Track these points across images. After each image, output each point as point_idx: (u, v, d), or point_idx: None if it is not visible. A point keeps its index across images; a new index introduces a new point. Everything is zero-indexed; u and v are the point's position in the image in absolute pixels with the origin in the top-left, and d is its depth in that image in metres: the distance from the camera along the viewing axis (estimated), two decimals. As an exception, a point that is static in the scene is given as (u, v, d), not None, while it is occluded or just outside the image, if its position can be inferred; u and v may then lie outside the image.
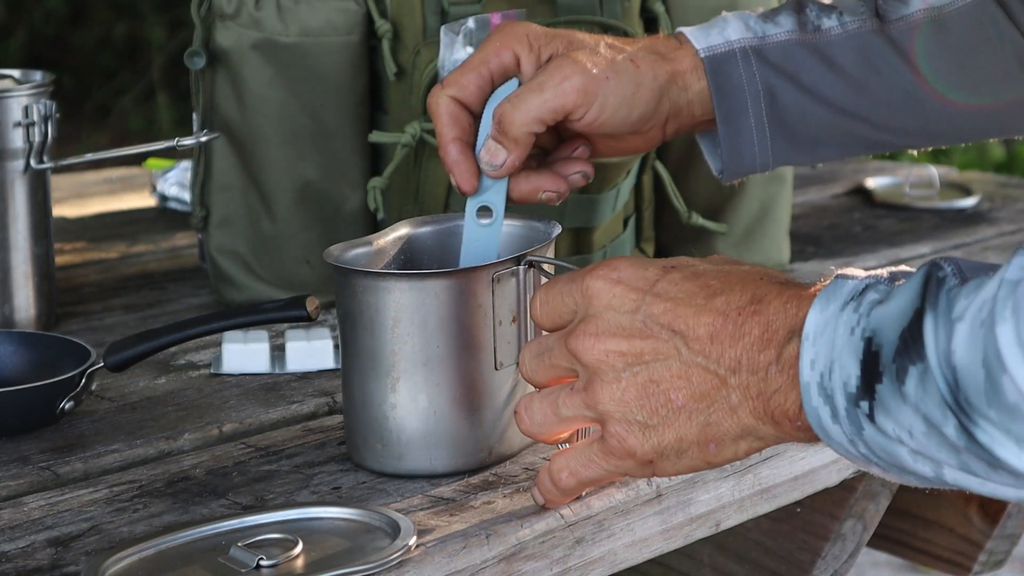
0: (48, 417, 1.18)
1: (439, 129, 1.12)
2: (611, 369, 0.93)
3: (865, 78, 1.20)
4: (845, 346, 0.84)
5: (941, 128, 1.24)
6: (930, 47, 1.21)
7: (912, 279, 0.84)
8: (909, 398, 0.81)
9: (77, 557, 0.96)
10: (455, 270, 1.06)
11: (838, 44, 1.20)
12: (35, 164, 1.40)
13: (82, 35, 5.93)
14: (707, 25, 1.20)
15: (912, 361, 0.81)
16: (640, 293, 0.92)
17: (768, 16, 1.20)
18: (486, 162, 1.11)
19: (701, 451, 0.92)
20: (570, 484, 0.98)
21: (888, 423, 0.82)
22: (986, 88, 1.23)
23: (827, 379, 0.85)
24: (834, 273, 0.88)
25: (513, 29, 1.14)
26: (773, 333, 0.88)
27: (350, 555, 0.95)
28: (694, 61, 1.17)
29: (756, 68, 1.19)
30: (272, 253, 1.49)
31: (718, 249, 1.58)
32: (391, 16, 1.46)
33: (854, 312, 0.84)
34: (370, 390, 1.07)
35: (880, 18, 1.21)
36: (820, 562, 1.47)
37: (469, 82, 1.12)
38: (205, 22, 1.47)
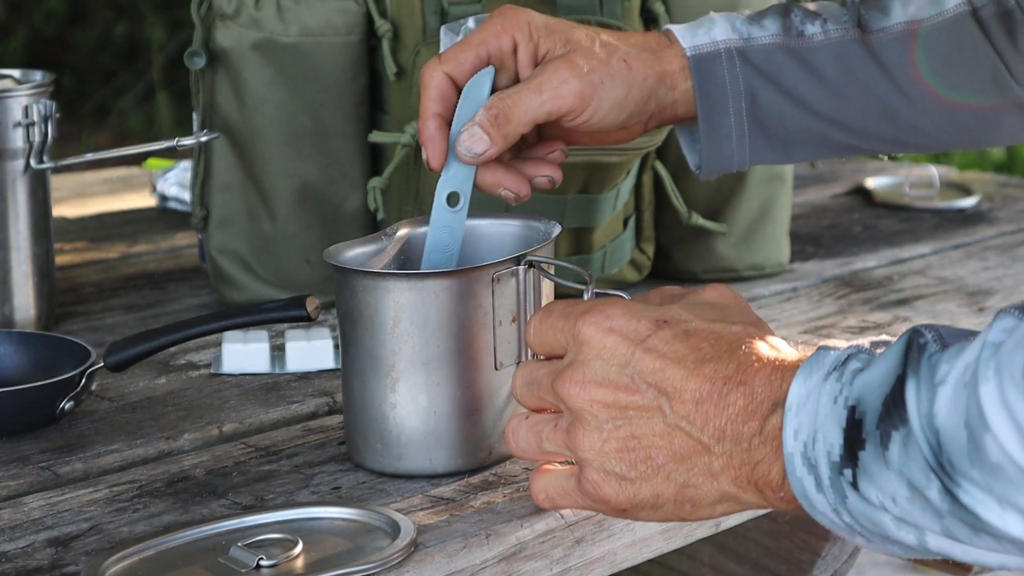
0: (48, 417, 1.18)
1: (425, 101, 1.13)
2: (594, 418, 0.92)
3: (843, 85, 1.23)
4: (828, 415, 0.84)
5: (912, 137, 1.27)
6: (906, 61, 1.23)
7: (893, 346, 0.84)
8: (892, 463, 0.81)
9: (77, 557, 0.96)
10: (455, 270, 1.06)
11: (820, 51, 1.23)
12: (35, 164, 1.40)
13: (82, 35, 5.93)
14: (695, 24, 1.22)
15: (895, 426, 0.81)
16: (631, 346, 0.92)
17: (754, 18, 1.23)
18: (466, 147, 1.11)
19: (677, 508, 0.93)
20: (546, 505, 0.99)
21: (872, 490, 0.83)
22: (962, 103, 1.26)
23: (811, 448, 0.85)
24: (817, 344, 0.89)
25: (516, 14, 1.15)
26: (758, 405, 0.88)
27: (350, 555, 0.95)
28: (682, 61, 1.20)
29: (740, 69, 1.21)
30: (272, 253, 1.49)
31: (718, 249, 1.58)
32: (391, 16, 1.46)
33: (837, 381, 0.85)
34: (370, 390, 1.07)
35: (862, 28, 1.24)
36: (820, 562, 1.47)
37: (466, 60, 1.14)
38: (205, 22, 1.47)
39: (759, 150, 1.24)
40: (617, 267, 1.54)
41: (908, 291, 1.57)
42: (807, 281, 1.61)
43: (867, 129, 1.25)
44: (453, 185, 1.13)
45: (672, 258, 1.60)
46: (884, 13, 1.25)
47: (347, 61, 1.47)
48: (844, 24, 1.24)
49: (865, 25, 1.24)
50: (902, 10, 1.25)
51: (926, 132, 1.27)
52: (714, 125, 1.21)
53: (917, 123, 1.25)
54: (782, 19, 1.23)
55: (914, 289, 1.58)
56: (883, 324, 1.45)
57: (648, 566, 1.58)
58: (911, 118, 1.25)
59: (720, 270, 1.60)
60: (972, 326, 1.43)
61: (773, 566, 1.53)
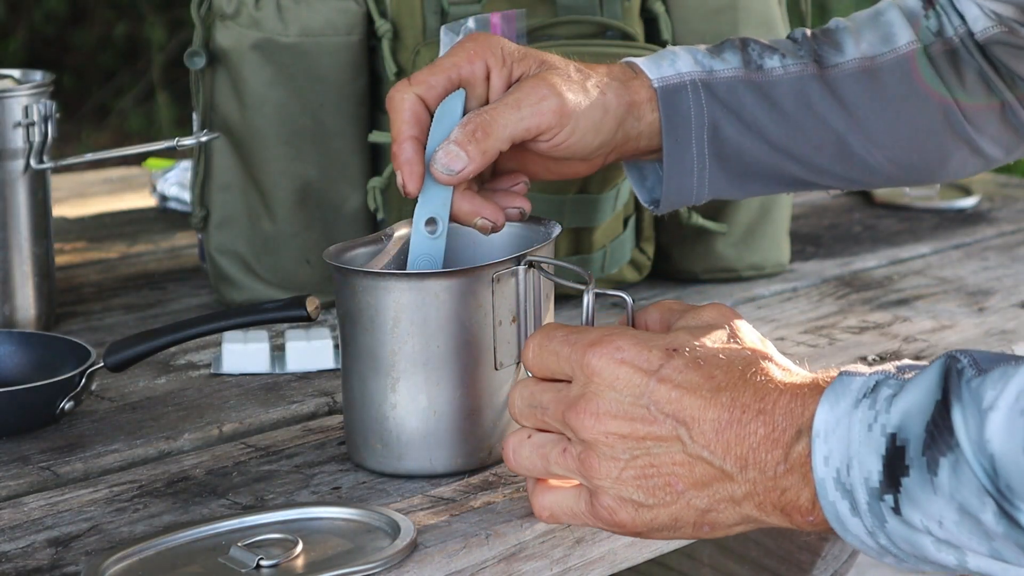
0: (48, 417, 1.18)
1: (398, 125, 1.10)
2: (610, 448, 0.92)
3: (801, 119, 1.25)
4: (863, 442, 0.85)
5: (862, 175, 1.29)
6: (860, 94, 1.26)
7: (926, 372, 0.85)
8: (942, 488, 0.82)
9: (77, 557, 0.96)
10: (455, 270, 1.06)
11: (779, 84, 1.25)
12: (35, 164, 1.40)
13: (82, 35, 5.93)
14: (657, 57, 1.23)
15: (942, 452, 0.82)
16: (644, 377, 0.91)
17: (714, 52, 1.24)
18: (442, 165, 1.08)
19: (695, 530, 0.93)
20: (549, 521, 0.98)
21: (915, 515, 0.83)
22: (913, 139, 1.28)
23: (844, 475, 0.86)
24: (837, 369, 0.89)
25: (488, 40, 1.14)
26: (780, 433, 0.88)
27: (350, 555, 0.95)
28: (649, 92, 1.20)
29: (704, 101, 1.22)
30: (272, 253, 1.49)
31: (718, 249, 1.58)
32: (391, 16, 1.46)
33: (870, 409, 0.85)
34: (370, 390, 1.07)
35: (818, 63, 1.26)
36: (820, 562, 1.47)
37: (437, 83, 1.11)
38: (205, 22, 1.47)
39: (716, 183, 1.25)
40: (617, 267, 1.54)
41: (908, 291, 1.57)
42: (807, 281, 1.61)
43: (820, 164, 1.27)
44: (431, 210, 1.10)
45: (672, 258, 1.60)
46: (838, 50, 1.27)
47: (347, 61, 1.47)
48: (802, 59, 1.26)
49: (821, 60, 1.26)
50: (855, 47, 1.27)
51: (876, 169, 1.29)
52: (677, 157, 1.22)
53: (868, 158, 1.27)
54: (741, 52, 1.25)
55: (914, 289, 1.58)
56: (883, 324, 1.45)
57: (648, 566, 1.58)
58: (863, 154, 1.27)
59: (720, 270, 1.60)
60: (972, 326, 1.43)
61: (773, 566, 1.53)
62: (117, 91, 5.86)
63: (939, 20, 1.29)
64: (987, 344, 1.38)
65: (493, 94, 1.13)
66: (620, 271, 1.55)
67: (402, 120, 1.10)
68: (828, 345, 1.39)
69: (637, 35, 1.49)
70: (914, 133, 1.28)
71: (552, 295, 1.11)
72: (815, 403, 0.87)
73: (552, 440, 0.95)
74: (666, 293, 1.57)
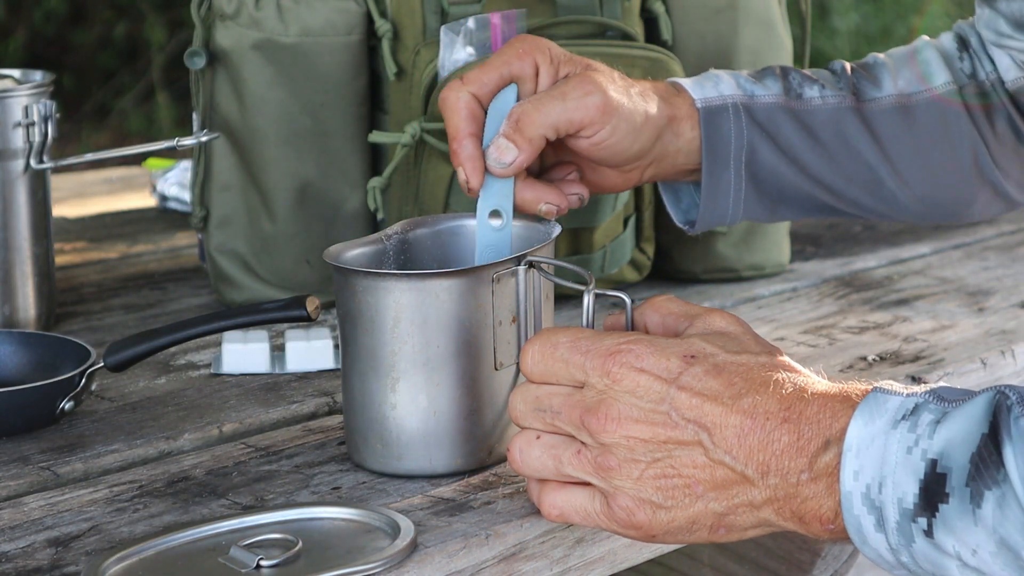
0: (48, 417, 1.18)
1: (456, 123, 1.14)
2: (630, 452, 0.92)
3: (836, 149, 1.28)
4: (900, 464, 0.85)
5: (891, 210, 1.33)
6: (894, 129, 1.29)
7: (973, 403, 0.85)
8: (984, 521, 0.83)
9: (77, 557, 0.96)
10: (455, 270, 1.06)
11: (817, 114, 1.28)
12: (35, 164, 1.40)
13: (82, 35, 5.93)
14: (701, 78, 1.27)
15: (987, 486, 0.83)
16: (665, 384, 0.92)
17: (756, 77, 1.28)
18: (495, 159, 1.12)
19: (711, 533, 0.93)
20: (557, 520, 0.98)
21: (948, 540, 0.84)
22: (943, 178, 1.31)
23: (875, 491, 0.86)
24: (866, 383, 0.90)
25: (536, 41, 1.17)
26: (806, 442, 0.89)
27: (350, 555, 0.95)
28: (690, 110, 1.24)
29: (745, 124, 1.25)
30: (272, 253, 1.49)
31: (718, 249, 1.58)
32: (391, 16, 1.46)
33: (910, 432, 0.86)
34: (370, 390, 1.07)
35: (856, 96, 1.29)
36: (820, 562, 1.47)
37: (489, 80, 1.15)
38: (205, 22, 1.47)
39: (750, 205, 1.28)
40: (617, 267, 1.54)
41: (908, 291, 1.57)
42: (807, 281, 1.61)
43: (851, 195, 1.30)
44: (494, 203, 1.13)
45: (672, 258, 1.60)
46: (876, 84, 1.30)
47: (347, 61, 1.47)
48: (840, 91, 1.29)
49: (859, 94, 1.29)
50: (892, 83, 1.30)
51: (905, 206, 1.32)
52: (715, 178, 1.25)
53: (898, 193, 1.30)
54: (782, 80, 1.28)
55: (914, 289, 1.58)
56: (883, 324, 1.45)
57: (648, 566, 1.58)
58: (893, 188, 1.30)
59: (720, 270, 1.60)
60: (972, 326, 1.43)
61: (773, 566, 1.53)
62: (117, 91, 5.86)
63: (972, 63, 1.32)
64: (987, 344, 1.38)
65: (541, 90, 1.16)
66: (620, 271, 1.55)
67: (459, 119, 1.14)
68: (828, 345, 1.39)
69: (637, 35, 1.49)
70: (944, 173, 1.31)
71: (552, 295, 1.11)
72: (846, 416, 0.88)
73: (564, 441, 0.96)
74: (666, 293, 1.56)
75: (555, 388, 0.96)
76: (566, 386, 0.95)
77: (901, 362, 1.33)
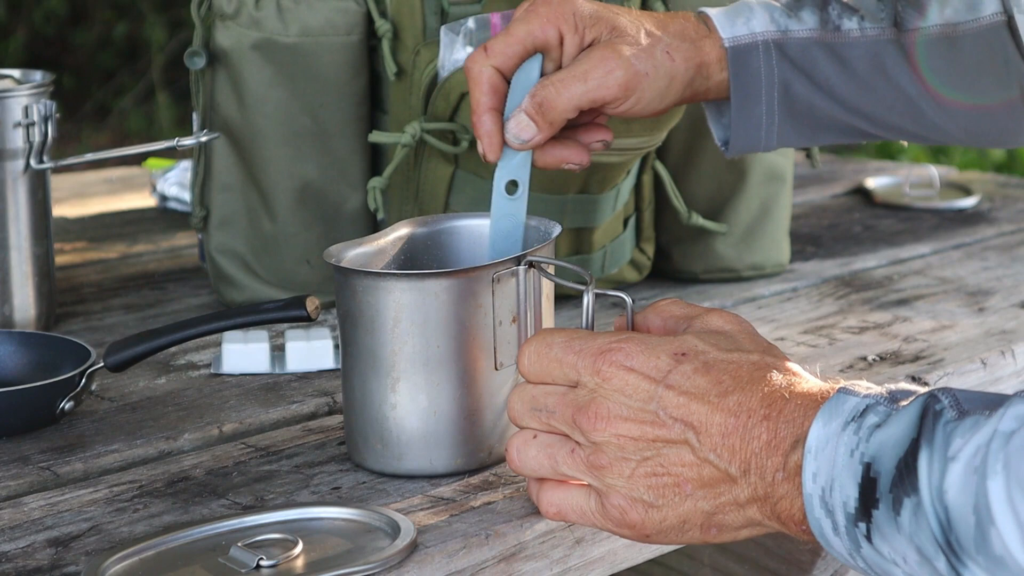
0: (48, 417, 1.18)
1: (477, 96, 1.14)
2: (620, 450, 0.92)
3: (874, 81, 1.25)
4: (845, 467, 0.85)
5: (934, 135, 1.29)
6: (937, 60, 1.25)
7: (910, 407, 0.85)
8: (903, 528, 0.82)
9: (77, 557, 0.96)
10: (455, 270, 1.06)
11: (855, 47, 1.25)
12: (35, 164, 1.40)
13: (82, 35, 5.93)
14: (732, 12, 1.24)
15: (907, 493, 0.82)
16: (653, 383, 0.92)
17: (792, 8, 1.25)
18: (514, 135, 1.13)
19: (703, 533, 0.93)
20: (555, 518, 0.98)
21: (884, 546, 0.84)
22: (990, 110, 1.27)
23: (828, 495, 0.86)
24: (839, 382, 0.90)
25: (561, 5, 1.16)
26: (780, 440, 0.89)
27: (350, 555, 0.95)
28: (719, 52, 1.22)
29: (776, 61, 1.23)
30: (272, 253, 1.49)
31: (718, 249, 1.58)
32: (391, 16, 1.46)
33: (854, 434, 0.86)
34: (370, 390, 1.07)
35: (897, 27, 1.25)
36: (820, 562, 1.47)
37: (513, 53, 1.15)
38: (205, 22, 1.47)
39: (786, 135, 1.27)
40: (617, 267, 1.54)
41: (908, 291, 1.57)
42: (807, 281, 1.61)
43: (892, 123, 1.27)
44: (510, 173, 1.14)
45: (672, 258, 1.60)
46: (920, 13, 1.26)
47: (347, 61, 1.47)
48: (881, 22, 1.25)
49: (901, 24, 1.25)
50: (938, 12, 1.26)
51: (949, 132, 1.29)
52: (746, 113, 1.24)
53: (941, 123, 1.27)
54: (820, 12, 1.25)
55: (914, 289, 1.58)
56: (883, 324, 1.45)
57: (648, 566, 1.58)
58: (936, 118, 1.27)
59: (720, 270, 1.60)
60: (972, 326, 1.43)
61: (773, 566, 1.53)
62: (117, 91, 5.86)
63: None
64: (987, 344, 1.38)
65: (566, 59, 1.16)
66: (620, 271, 1.55)
67: (481, 92, 1.14)
68: (828, 345, 1.39)
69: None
70: (991, 105, 1.28)
71: (552, 295, 1.11)
72: (814, 415, 0.88)
73: (559, 441, 0.96)
74: (666, 293, 1.57)
75: (550, 388, 0.96)
76: (561, 386, 0.96)
77: (901, 362, 1.33)
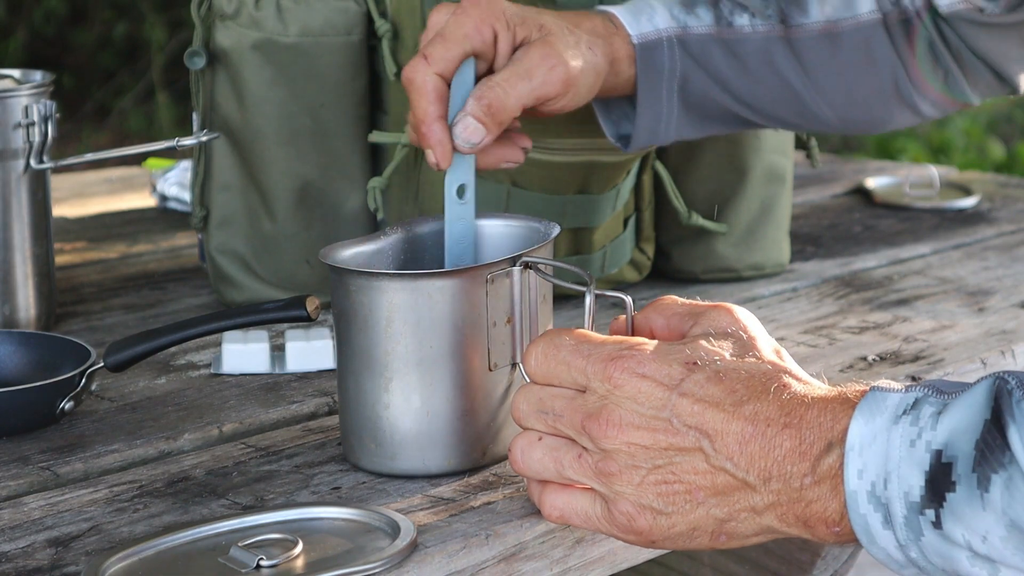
0: (48, 417, 1.18)
1: (423, 106, 1.15)
2: (631, 458, 0.92)
3: (764, 76, 1.35)
4: (904, 458, 0.86)
5: (813, 124, 1.40)
6: (822, 57, 1.36)
7: (973, 391, 0.86)
8: (993, 504, 0.83)
9: (77, 557, 0.96)
10: (449, 270, 1.06)
11: (747, 43, 1.34)
12: (35, 164, 1.40)
13: (82, 35, 5.93)
14: (635, 8, 1.31)
15: (994, 470, 0.82)
16: (666, 391, 0.92)
17: (688, 7, 1.33)
18: (464, 139, 1.15)
19: (712, 540, 0.93)
20: (557, 521, 0.98)
21: (958, 529, 0.84)
22: (864, 101, 1.39)
23: (880, 488, 0.86)
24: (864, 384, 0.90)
25: (489, 5, 1.19)
26: (808, 446, 0.89)
27: (350, 555, 0.95)
28: (628, 49, 1.29)
29: (679, 56, 1.31)
30: (272, 253, 1.49)
31: (718, 249, 1.58)
32: (391, 16, 1.46)
33: (912, 426, 0.86)
34: (364, 390, 1.07)
35: (783, 23, 1.34)
36: (820, 562, 1.47)
37: (454, 58, 1.17)
38: (205, 22, 1.47)
39: (681, 126, 1.34)
40: (617, 267, 1.54)
41: (908, 291, 1.57)
42: (807, 281, 1.62)
43: (777, 115, 1.38)
44: (460, 178, 1.15)
45: (672, 258, 1.60)
46: (803, 11, 1.35)
47: (347, 61, 1.47)
48: (769, 19, 1.34)
49: (786, 20, 1.34)
50: (819, 9, 1.35)
51: (825, 122, 1.39)
52: (649, 107, 1.31)
53: (820, 113, 1.37)
54: (713, 9, 1.33)
55: (914, 289, 1.58)
56: (883, 324, 1.45)
57: (648, 566, 1.58)
58: (815, 110, 1.37)
59: (720, 270, 1.60)
60: (972, 326, 1.43)
61: (773, 566, 1.53)
62: (117, 91, 5.86)
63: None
64: (987, 344, 1.38)
65: (500, 59, 1.19)
66: (620, 271, 1.55)
67: (428, 102, 1.15)
68: (828, 345, 1.39)
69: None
70: (866, 96, 1.38)
71: (550, 296, 1.11)
72: (846, 417, 0.88)
73: (565, 445, 0.96)
74: (666, 293, 1.55)
75: (558, 391, 0.96)
76: (569, 389, 0.95)
77: (901, 362, 1.33)
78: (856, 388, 0.90)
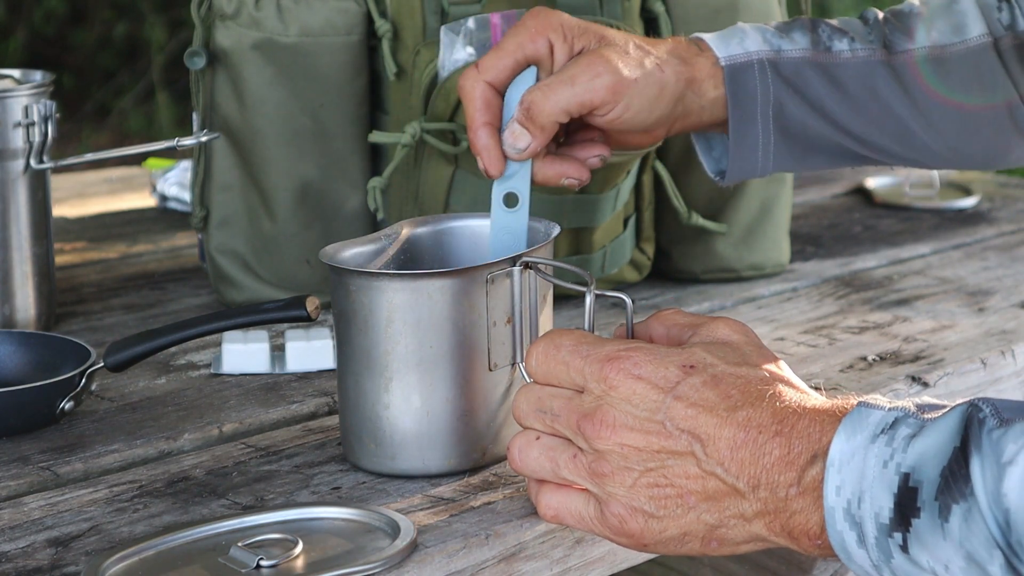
0: (48, 417, 1.18)
1: (471, 113, 1.15)
2: (624, 459, 0.92)
3: (865, 102, 1.27)
4: (877, 478, 0.85)
5: (923, 157, 1.31)
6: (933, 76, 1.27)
7: (947, 417, 0.85)
8: (952, 535, 0.82)
9: (77, 557, 0.96)
10: (448, 271, 1.06)
11: (846, 67, 1.26)
12: (35, 164, 1.40)
13: (82, 35, 5.93)
14: (726, 34, 1.25)
15: (955, 500, 0.82)
16: (661, 393, 0.92)
17: (783, 31, 1.27)
18: (509, 144, 1.15)
19: (703, 546, 0.93)
20: (553, 521, 0.98)
21: (923, 555, 0.84)
22: (978, 131, 1.30)
23: (855, 507, 0.86)
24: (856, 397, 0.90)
25: (548, 16, 1.18)
26: (795, 456, 0.88)
27: (350, 555, 0.95)
28: (712, 69, 1.23)
29: (771, 80, 1.24)
30: (272, 253, 1.49)
31: (718, 249, 1.58)
32: (391, 16, 1.46)
33: (887, 446, 0.85)
34: (364, 390, 1.07)
35: (887, 49, 1.27)
36: (820, 562, 1.47)
37: (504, 67, 1.16)
38: (205, 22, 1.47)
39: (780, 158, 1.28)
40: (617, 267, 1.54)
41: (908, 291, 1.57)
42: (807, 281, 1.61)
43: (882, 145, 1.29)
44: (509, 186, 1.15)
45: (672, 258, 1.60)
46: (908, 36, 1.28)
47: (347, 61, 1.47)
48: (871, 44, 1.27)
49: (890, 46, 1.27)
50: (925, 35, 1.28)
51: (937, 154, 1.30)
52: (743, 133, 1.25)
53: (930, 144, 1.29)
54: (811, 33, 1.27)
55: (914, 289, 1.58)
56: (883, 324, 1.45)
57: (648, 566, 1.58)
58: (926, 139, 1.29)
59: (720, 270, 1.60)
60: (972, 326, 1.43)
61: (773, 566, 1.53)
62: (117, 91, 5.86)
63: (1012, 13, 1.29)
64: (987, 344, 1.38)
65: (556, 69, 1.17)
66: (620, 271, 1.55)
67: (475, 108, 1.15)
68: (828, 345, 1.39)
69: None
70: (979, 126, 1.30)
71: (550, 296, 1.11)
72: (832, 430, 0.88)
73: (561, 444, 0.96)
74: (666, 293, 1.57)
75: (556, 391, 0.96)
76: (567, 389, 0.95)
77: (901, 362, 1.33)
78: (851, 402, 0.89)
